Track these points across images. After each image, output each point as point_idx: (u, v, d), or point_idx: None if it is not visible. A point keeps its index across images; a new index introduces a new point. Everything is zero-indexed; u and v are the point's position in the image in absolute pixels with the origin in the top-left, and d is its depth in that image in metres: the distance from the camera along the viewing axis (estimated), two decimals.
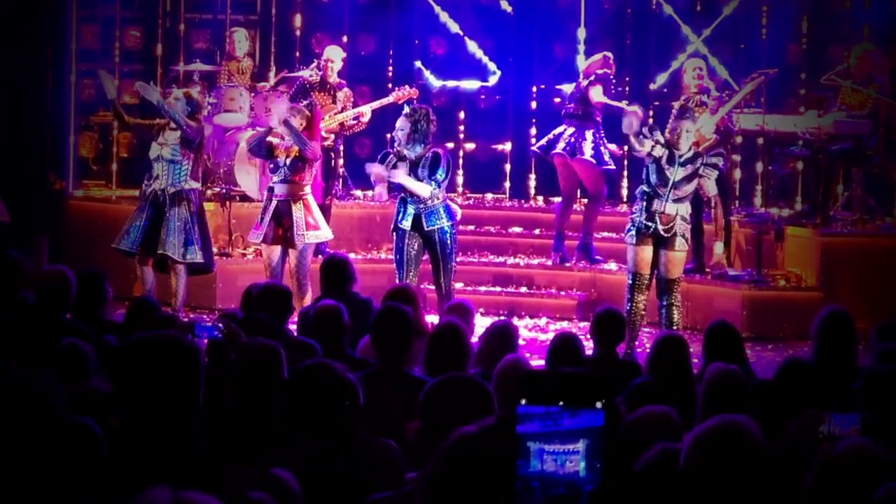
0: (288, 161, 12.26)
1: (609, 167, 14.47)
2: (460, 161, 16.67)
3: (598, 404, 3.24)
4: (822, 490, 4.46)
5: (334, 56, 14.86)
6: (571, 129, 14.41)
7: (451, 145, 16.47)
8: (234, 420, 5.46)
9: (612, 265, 14.63)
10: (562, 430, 3.22)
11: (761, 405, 6.25)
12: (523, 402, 3.23)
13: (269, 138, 12.37)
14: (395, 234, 11.95)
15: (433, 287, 12.07)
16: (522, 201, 16.46)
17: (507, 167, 16.83)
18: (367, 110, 14.62)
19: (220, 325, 6.59)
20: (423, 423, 4.88)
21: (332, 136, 14.68)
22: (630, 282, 11.89)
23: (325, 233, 12.52)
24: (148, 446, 4.94)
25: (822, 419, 5.69)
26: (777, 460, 4.52)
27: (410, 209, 11.81)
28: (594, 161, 14.29)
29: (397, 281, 11.57)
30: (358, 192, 16.00)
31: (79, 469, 4.68)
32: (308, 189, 12.43)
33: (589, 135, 14.30)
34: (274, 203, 12.28)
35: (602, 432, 3.24)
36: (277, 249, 12.31)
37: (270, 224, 12.24)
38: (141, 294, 11.92)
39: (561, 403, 3.23)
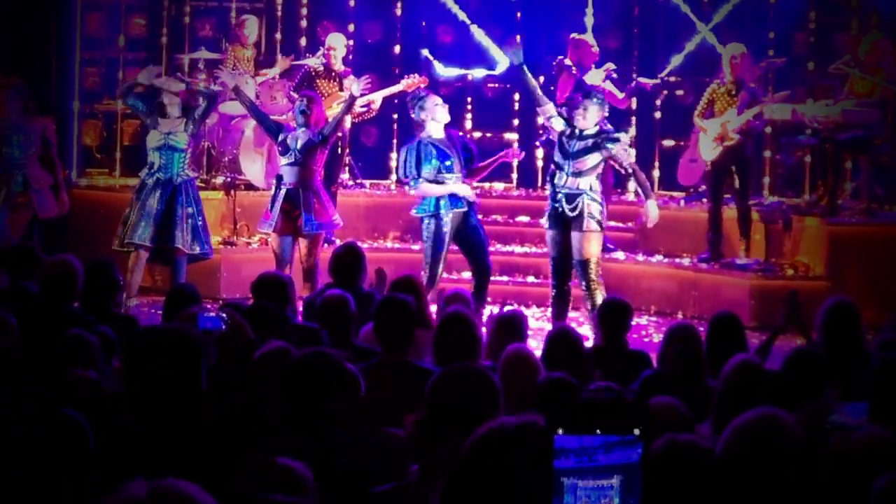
0: (299, 144, 12.17)
1: None
2: None
3: (636, 431, 3.23)
4: (839, 480, 4.46)
5: (336, 43, 14.81)
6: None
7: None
8: (240, 413, 5.43)
9: (620, 254, 14.62)
10: (597, 466, 3.21)
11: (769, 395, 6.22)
12: (560, 431, 3.20)
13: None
14: (433, 220, 11.88)
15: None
16: (530, 190, 16.40)
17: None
18: (377, 98, 14.53)
19: (224, 315, 6.55)
20: (429, 413, 4.83)
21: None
22: (551, 267, 11.84)
23: (334, 221, 12.47)
24: (156, 438, 4.91)
25: (830, 409, 5.66)
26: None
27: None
28: None
29: (423, 271, 11.55)
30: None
31: (66, 460, 4.65)
32: (317, 176, 12.35)
33: None
34: (283, 191, 12.19)
35: (638, 467, 3.22)
36: (287, 238, 12.23)
37: (280, 213, 12.17)
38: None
39: (598, 431, 3.21)
